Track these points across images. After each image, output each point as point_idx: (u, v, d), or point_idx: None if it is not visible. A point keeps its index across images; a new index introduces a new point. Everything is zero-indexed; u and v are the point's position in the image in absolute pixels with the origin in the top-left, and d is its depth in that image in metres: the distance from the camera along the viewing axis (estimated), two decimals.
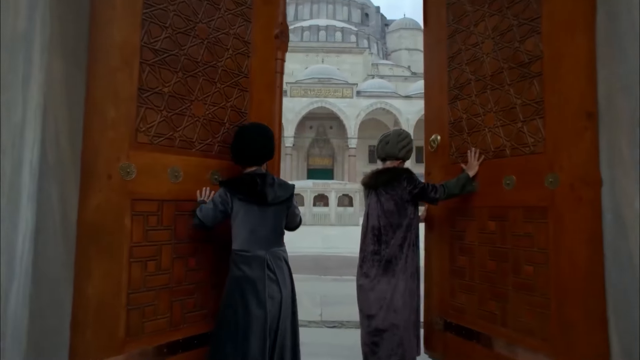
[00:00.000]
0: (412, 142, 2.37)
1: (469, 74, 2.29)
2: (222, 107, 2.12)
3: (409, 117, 31.34)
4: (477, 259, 2.20)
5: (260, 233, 1.86)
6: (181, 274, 1.91)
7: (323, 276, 5.76)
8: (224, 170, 2.07)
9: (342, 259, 7.90)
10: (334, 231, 15.40)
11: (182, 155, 1.93)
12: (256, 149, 1.91)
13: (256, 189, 1.84)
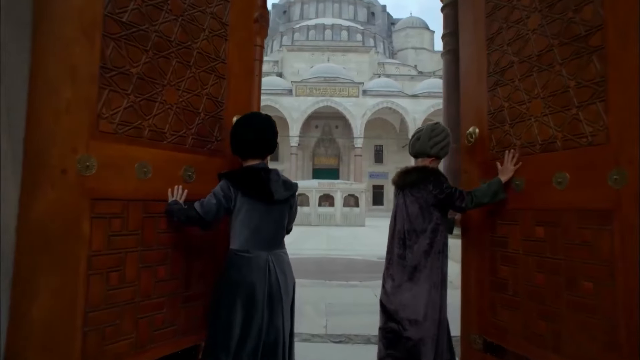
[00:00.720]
0: (448, 137, 2.13)
1: (512, 55, 1.97)
2: (197, 95, 1.86)
3: (415, 117, 30.94)
4: (522, 271, 1.87)
5: (264, 233, 1.71)
6: (149, 286, 1.63)
7: (328, 281, 5.45)
8: (199, 166, 1.84)
9: (348, 262, 7.59)
10: (340, 232, 15.09)
11: (151, 147, 1.66)
12: (265, 140, 1.77)
13: (263, 185, 1.70)
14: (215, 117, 1.95)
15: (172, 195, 1.68)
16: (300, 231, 14.83)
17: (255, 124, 1.78)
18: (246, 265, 1.66)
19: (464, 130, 2.22)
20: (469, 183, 2.18)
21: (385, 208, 33.87)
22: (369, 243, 11.18)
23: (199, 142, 1.85)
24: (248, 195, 1.69)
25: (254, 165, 1.77)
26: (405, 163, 27.37)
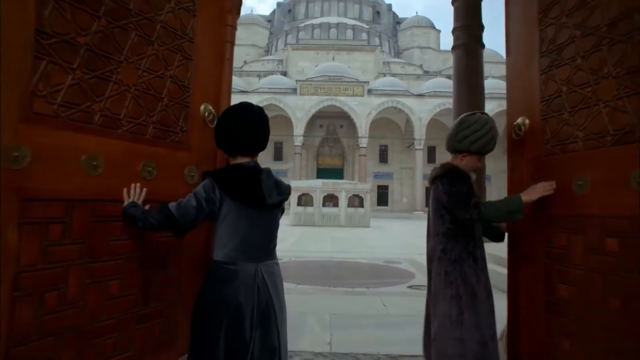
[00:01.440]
0: (482, 130, 1.84)
1: (572, 28, 1.60)
2: (160, 77, 1.57)
3: (421, 116, 30.49)
4: (588, 291, 1.50)
5: (253, 242, 1.51)
6: (98, 305, 1.32)
7: (332, 287, 5.09)
8: (160, 161, 1.55)
9: (353, 266, 7.23)
10: (344, 233, 14.72)
11: (103, 137, 1.33)
12: (260, 137, 1.57)
13: (255, 188, 1.49)
14: (180, 103, 1.65)
15: (129, 196, 1.36)
16: (303, 232, 14.48)
17: (249, 117, 1.57)
18: (232, 280, 1.44)
19: (510, 121, 1.85)
20: (518, 182, 1.81)
21: (389, 209, 33.46)
22: (374, 245, 10.81)
23: (162, 132, 1.56)
24: (237, 199, 1.46)
25: (244, 164, 1.54)
26: (410, 163, 26.72)
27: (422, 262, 7.52)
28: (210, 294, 1.47)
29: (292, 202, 19.19)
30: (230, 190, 1.46)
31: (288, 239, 11.93)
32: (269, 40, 47.74)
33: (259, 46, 46.65)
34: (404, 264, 7.40)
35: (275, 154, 34.94)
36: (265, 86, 32.33)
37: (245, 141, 1.54)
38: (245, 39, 46.23)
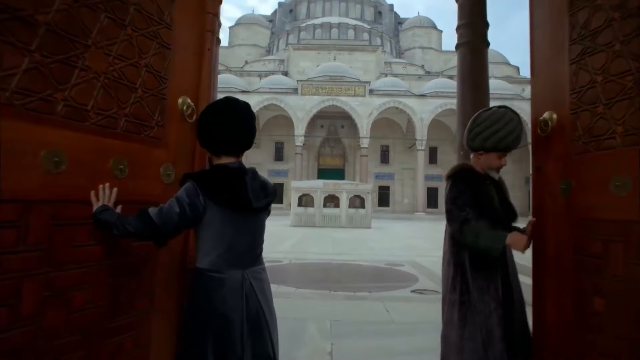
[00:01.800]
0: (496, 124, 1.77)
1: (609, 10, 1.41)
2: (134, 65, 1.39)
3: (423, 116, 30.32)
4: (631, 306, 1.29)
5: (240, 248, 1.43)
6: (58, 320, 1.14)
7: (333, 292, 4.91)
8: (133, 158, 1.37)
9: (355, 268, 7.05)
10: (345, 234, 14.53)
11: (67, 130, 1.16)
12: (246, 136, 1.48)
13: (242, 191, 1.40)
14: (156, 95, 1.48)
15: (98, 200, 1.20)
16: (304, 233, 14.30)
17: (236, 114, 1.46)
18: (217, 288, 1.37)
19: (535, 117, 1.67)
20: (544, 183, 1.62)
21: (390, 210, 33.27)
22: (376, 247, 10.62)
23: (135, 126, 1.38)
24: (222, 204, 1.37)
25: (229, 165, 1.45)
26: (412, 164, 26.62)
27: (424, 265, 7.33)
28: (194, 304, 1.39)
29: (292, 203, 19.02)
30: (214, 195, 1.36)
31: (288, 240, 11.75)
32: (270, 40, 47.61)
33: (260, 46, 46.53)
34: (407, 266, 7.22)
35: (276, 154, 34.79)
36: (266, 86, 32.18)
37: (231, 140, 1.44)
38: (246, 39, 46.15)
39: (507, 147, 1.79)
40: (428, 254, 9.30)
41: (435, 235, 15.30)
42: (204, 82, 1.73)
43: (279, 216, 25.90)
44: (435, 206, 33.45)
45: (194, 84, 1.68)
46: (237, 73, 36.95)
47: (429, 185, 32.63)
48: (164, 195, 1.41)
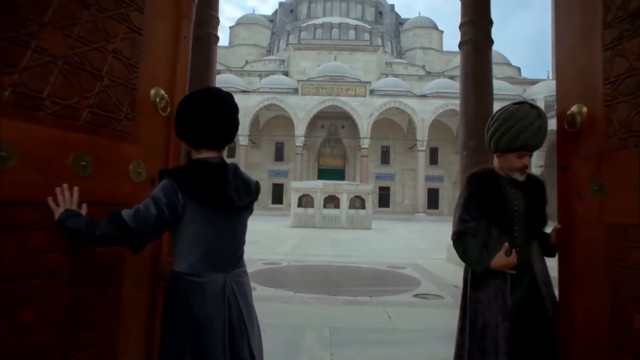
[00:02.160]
0: (509, 122, 1.66)
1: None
2: (100, 50, 1.24)
3: (423, 117, 30.15)
4: None
5: (220, 250, 1.34)
6: (4, 342, 0.97)
7: (333, 296, 4.73)
8: (98, 154, 1.22)
9: (355, 271, 6.87)
10: (345, 235, 14.36)
11: (17, 120, 1.00)
12: (230, 128, 1.38)
13: (224, 189, 1.30)
14: (126, 85, 1.34)
15: (58, 205, 1.04)
16: (304, 234, 14.13)
17: (220, 104, 1.35)
18: (197, 294, 1.27)
19: (562, 110, 1.50)
20: (572, 183, 1.45)
21: (391, 210, 33.09)
22: (376, 249, 10.46)
23: (101, 118, 1.24)
24: (203, 203, 1.27)
25: (210, 159, 1.34)
26: (412, 165, 26.48)
27: (426, 267, 7.17)
28: (172, 311, 1.29)
29: (292, 204, 18.85)
30: (194, 193, 1.25)
31: (288, 241, 11.59)
32: (271, 40, 47.46)
33: (261, 46, 46.38)
34: (408, 269, 7.05)
35: (276, 155, 34.63)
36: (267, 86, 32.02)
37: (214, 130, 1.34)
38: (246, 39, 46.00)
39: (523, 145, 1.66)
40: (429, 256, 9.14)
41: (436, 237, 15.13)
42: (180, 72, 1.59)
43: (279, 217, 25.75)
44: (436, 207, 33.27)
45: (168, 74, 1.53)
46: (237, 73, 36.79)
47: (429, 186, 32.46)
48: (134, 195, 1.26)
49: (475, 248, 1.69)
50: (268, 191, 34.06)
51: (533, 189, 1.76)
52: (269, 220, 22.12)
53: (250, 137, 30.65)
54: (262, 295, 4.62)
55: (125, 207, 1.15)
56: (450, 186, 33.79)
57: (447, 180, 33.92)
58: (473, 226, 1.74)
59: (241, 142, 29.70)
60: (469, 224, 1.74)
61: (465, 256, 1.72)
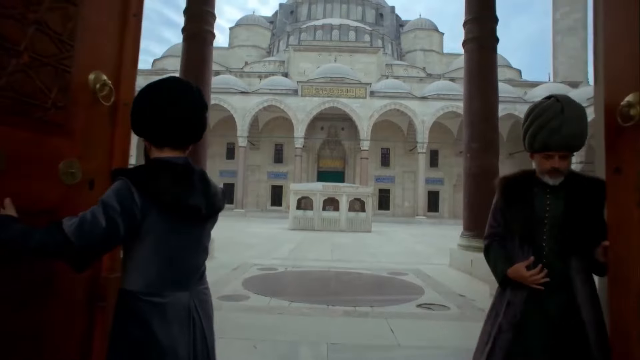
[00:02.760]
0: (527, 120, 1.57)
1: None
2: (17, 19, 0.97)
3: (424, 119, 29.93)
4: None
5: (185, 264, 1.18)
6: None
7: (331, 306, 4.44)
8: (16, 149, 0.96)
9: (355, 277, 6.58)
10: (345, 239, 14.08)
11: None
12: (202, 120, 1.24)
13: (190, 195, 1.14)
14: (55, 66, 1.07)
15: None
16: (303, 237, 13.85)
17: (188, 95, 1.20)
18: (158, 316, 1.09)
19: (612, 102, 1.21)
20: (627, 191, 1.15)
21: (390, 213, 32.82)
22: (377, 253, 10.17)
23: (17, 104, 0.97)
24: (165, 210, 1.10)
25: (174, 159, 1.18)
26: (412, 167, 26.42)
27: (429, 274, 6.88)
28: (129, 339, 1.08)
29: (291, 206, 18.58)
30: (157, 197, 1.07)
31: (286, 245, 11.31)
32: (271, 41, 47.27)
33: (261, 47, 46.18)
34: (410, 275, 6.77)
35: (275, 156, 34.37)
36: (266, 87, 31.79)
37: (182, 125, 1.17)
38: (246, 40, 45.81)
39: (543, 145, 1.50)
40: (432, 261, 8.86)
41: (437, 241, 14.86)
42: (127, 56, 1.33)
43: (278, 219, 25.48)
44: (436, 210, 33.01)
45: (113, 57, 1.28)
46: (236, 74, 36.56)
47: (429, 189, 32.21)
48: (65, 200, 1.01)
49: (495, 256, 1.63)
50: (267, 193, 33.79)
51: (579, 194, 1.52)
52: (267, 223, 21.84)
53: (249, 138, 30.39)
54: (256, 306, 4.33)
55: (52, 214, 0.90)
56: (450, 189, 33.54)
57: (448, 183, 33.67)
58: (499, 232, 1.67)
59: (240, 144, 29.44)
60: (494, 230, 1.67)
61: (488, 264, 1.68)
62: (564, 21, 39.46)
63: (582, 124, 1.49)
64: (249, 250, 9.71)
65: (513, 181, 1.67)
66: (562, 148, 1.48)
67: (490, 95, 7.58)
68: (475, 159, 7.49)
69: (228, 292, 4.95)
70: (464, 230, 7.71)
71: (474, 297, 5.12)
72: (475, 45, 7.59)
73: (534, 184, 1.61)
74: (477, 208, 7.50)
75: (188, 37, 7.96)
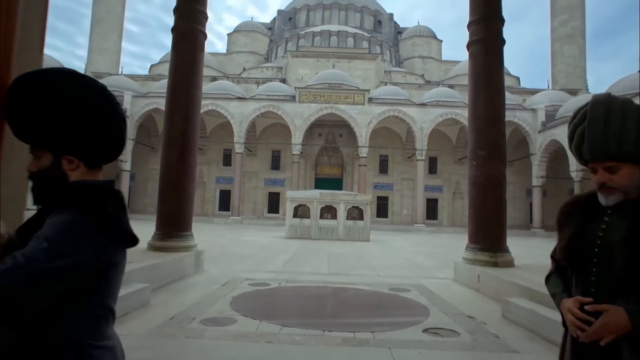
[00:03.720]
0: (570, 127, 1.35)
1: None
2: None
3: (423, 126, 29.59)
4: None
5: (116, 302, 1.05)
6: None
7: (328, 332, 3.96)
8: None
9: (354, 295, 6.09)
10: (343, 248, 13.58)
11: None
12: (123, 131, 1.09)
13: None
14: None
15: None
16: (299, 247, 13.34)
17: (101, 96, 1.03)
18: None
19: None
20: None
21: (389, 221, 32.33)
22: (376, 265, 9.68)
23: None
24: (126, 241, 0.99)
25: (110, 183, 1.03)
26: (411, 174, 26.26)
27: (433, 290, 6.41)
28: None
29: (287, 214, 18.09)
30: (122, 229, 0.98)
31: (281, 255, 10.81)
32: (269, 48, 47.07)
33: (259, 53, 45.97)
34: (413, 291, 6.30)
35: (272, 163, 33.92)
36: (264, 93, 31.44)
37: (124, 135, 1.08)
38: (244, 46, 45.61)
39: (578, 155, 1.32)
40: (434, 274, 8.38)
41: (439, 251, 14.37)
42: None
43: (275, 226, 24.94)
44: (435, 218, 32.56)
45: None
46: (234, 80, 36.23)
47: (428, 196, 31.80)
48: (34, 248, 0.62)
49: (550, 287, 1.43)
50: (264, 200, 33.28)
51: (636, 216, 1.21)
52: (263, 231, 21.31)
53: (246, 145, 29.96)
54: (243, 332, 3.85)
55: None
56: (449, 196, 33.13)
57: (447, 191, 33.26)
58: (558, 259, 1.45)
59: (237, 150, 28.99)
60: (554, 257, 1.46)
61: (549, 291, 1.46)
62: (563, 29, 39.43)
63: (615, 124, 1.22)
64: (241, 262, 9.22)
65: (570, 204, 1.40)
66: (598, 156, 1.24)
67: (497, 100, 7.17)
68: (481, 167, 7.06)
69: (213, 314, 4.47)
70: (469, 243, 7.25)
71: (485, 319, 4.66)
72: (481, 47, 7.21)
73: (594, 205, 1.33)
74: (483, 219, 7.07)
75: (178, 36, 7.54)
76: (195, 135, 7.66)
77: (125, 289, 4.52)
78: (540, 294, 4.53)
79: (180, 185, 7.37)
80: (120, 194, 1.03)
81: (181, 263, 6.77)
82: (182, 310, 4.59)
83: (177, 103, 7.46)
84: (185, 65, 7.48)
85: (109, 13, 41.46)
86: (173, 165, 7.38)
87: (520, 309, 4.48)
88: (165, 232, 7.24)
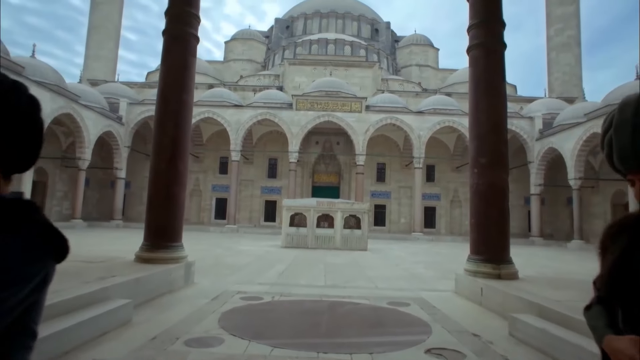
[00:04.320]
0: (611, 125, 1.09)
1: None
2: None
3: (420, 134, 29.44)
4: None
5: None
6: None
7: (322, 354, 3.64)
8: None
9: (351, 310, 5.77)
10: (339, 258, 13.24)
11: None
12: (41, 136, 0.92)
13: None
14: None
15: None
16: (295, 256, 13.00)
17: (34, 104, 0.87)
18: None
19: None
20: None
21: (386, 229, 32.01)
22: (373, 276, 9.36)
23: None
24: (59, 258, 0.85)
25: (22, 195, 0.85)
26: (409, 182, 25.97)
27: (434, 304, 6.10)
28: None
29: (284, 222, 17.76)
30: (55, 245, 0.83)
31: (276, 266, 10.46)
32: (266, 56, 47.07)
33: (256, 61, 45.95)
34: (413, 306, 5.99)
35: (269, 171, 33.63)
36: (260, 100, 31.27)
37: (40, 139, 0.87)
38: (242, 54, 45.59)
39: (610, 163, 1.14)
40: (434, 286, 8.06)
41: (437, 260, 14.07)
42: None
43: (271, 235, 24.57)
44: (433, 226, 32.28)
45: None
46: (231, 88, 36.08)
47: (426, 205, 31.56)
48: None
49: (591, 320, 1.21)
50: (260, 208, 32.92)
51: None
52: (259, 239, 20.94)
53: (242, 152, 29.68)
54: (229, 354, 3.53)
55: None
56: (447, 204, 32.89)
57: (444, 199, 33.03)
58: None
59: (233, 158, 28.70)
60: (596, 286, 1.25)
61: (588, 324, 1.26)
62: (558, 38, 39.65)
63: None
64: (234, 273, 8.88)
65: (618, 222, 1.15)
66: (630, 167, 1.05)
67: (498, 105, 6.94)
68: (483, 175, 6.80)
69: (199, 333, 4.14)
70: (470, 254, 6.96)
71: (491, 338, 4.35)
72: (481, 51, 7.00)
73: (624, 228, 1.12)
74: (485, 229, 6.79)
75: (169, 39, 7.29)
76: (186, 142, 7.38)
77: (105, 306, 4.19)
78: (551, 310, 4.24)
79: (170, 193, 7.06)
80: (39, 210, 0.85)
81: (169, 276, 6.43)
82: (166, 328, 4.27)
83: (167, 108, 7.19)
84: (176, 68, 7.23)
85: (106, 21, 41.42)
86: (163, 172, 7.08)
87: (529, 327, 4.18)
88: (154, 243, 6.92)
